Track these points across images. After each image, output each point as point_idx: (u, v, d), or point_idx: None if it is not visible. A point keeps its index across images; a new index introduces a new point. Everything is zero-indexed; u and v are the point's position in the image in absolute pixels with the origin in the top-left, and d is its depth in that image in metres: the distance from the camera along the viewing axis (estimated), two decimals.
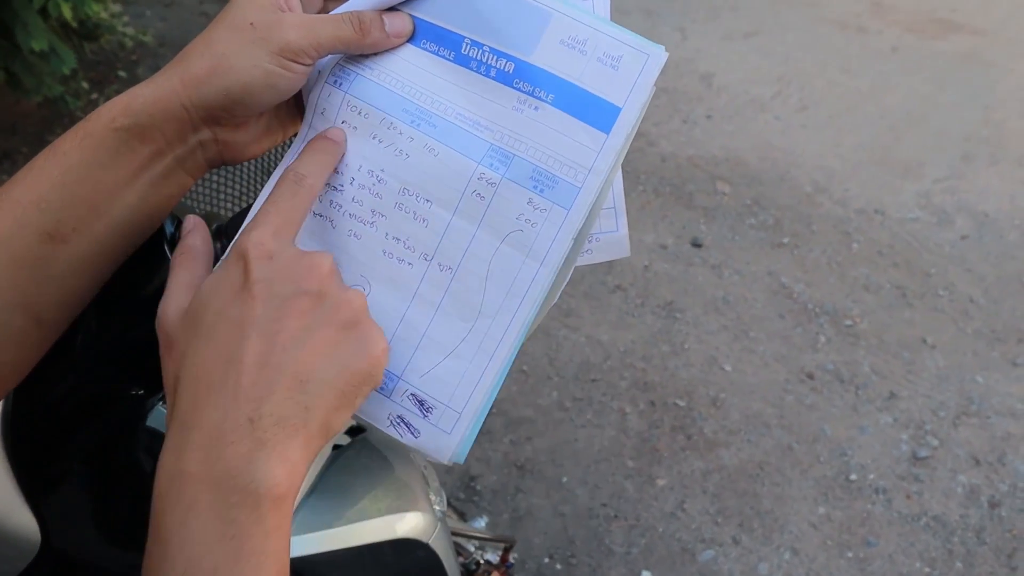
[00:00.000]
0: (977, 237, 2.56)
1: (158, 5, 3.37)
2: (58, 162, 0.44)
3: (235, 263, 0.39)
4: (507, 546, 1.28)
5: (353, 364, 0.39)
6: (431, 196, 0.44)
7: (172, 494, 0.36)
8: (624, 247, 0.50)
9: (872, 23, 3.69)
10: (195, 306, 0.39)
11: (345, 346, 0.39)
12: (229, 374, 0.37)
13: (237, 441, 0.36)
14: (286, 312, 0.38)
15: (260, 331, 0.37)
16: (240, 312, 0.38)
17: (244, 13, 0.44)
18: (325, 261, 0.40)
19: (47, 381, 0.49)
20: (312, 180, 0.43)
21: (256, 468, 0.36)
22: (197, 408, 0.37)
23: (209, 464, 0.36)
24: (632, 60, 0.45)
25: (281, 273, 0.39)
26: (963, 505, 1.81)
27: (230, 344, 0.37)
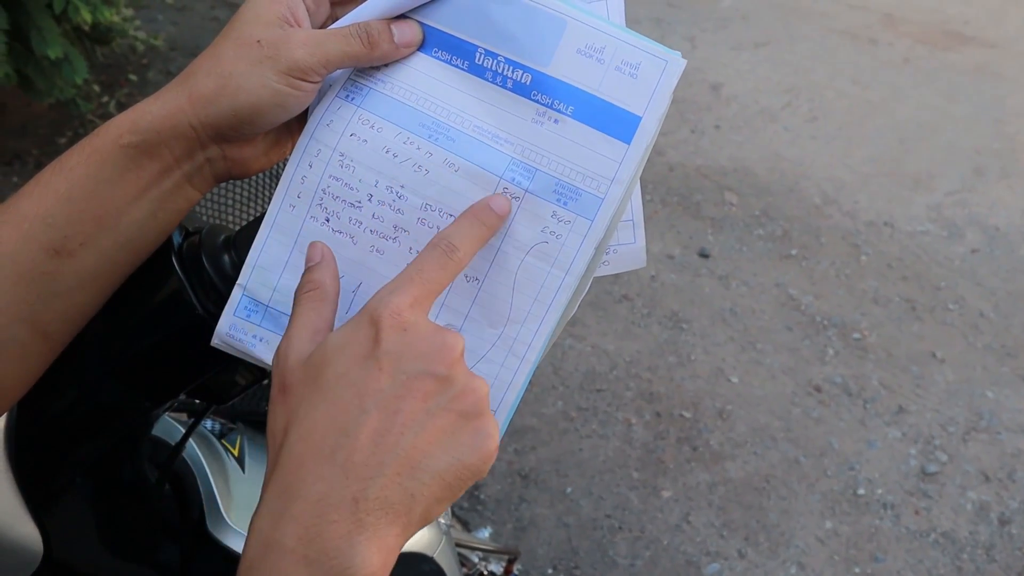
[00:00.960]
0: (988, 251, 2.54)
1: (170, 9, 3.39)
2: (65, 177, 0.43)
3: (367, 326, 0.37)
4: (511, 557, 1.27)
5: (466, 457, 0.37)
6: (454, 211, 0.44)
7: (265, 566, 0.34)
8: (641, 258, 0.50)
9: (883, 35, 3.68)
10: (318, 360, 0.38)
11: (461, 437, 0.37)
12: (342, 446, 0.35)
13: (339, 520, 0.34)
14: (410, 391, 0.36)
15: (381, 407, 0.36)
16: (364, 381, 0.36)
17: (251, 29, 0.43)
18: (457, 344, 0.38)
19: (51, 393, 0.49)
20: (463, 254, 0.41)
21: (355, 552, 0.34)
22: (302, 475, 0.35)
23: (307, 540, 0.34)
24: (650, 68, 0.44)
25: (412, 348, 0.37)
26: (972, 522, 1.80)
27: (348, 413, 0.36)
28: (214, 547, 0.63)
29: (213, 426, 0.77)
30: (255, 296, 0.46)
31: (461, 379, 0.38)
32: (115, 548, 0.58)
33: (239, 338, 0.46)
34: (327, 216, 0.45)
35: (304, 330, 0.40)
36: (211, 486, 0.65)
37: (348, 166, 0.44)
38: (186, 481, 0.65)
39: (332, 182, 0.44)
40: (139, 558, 0.61)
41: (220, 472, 0.67)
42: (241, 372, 0.51)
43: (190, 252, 0.48)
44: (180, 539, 0.63)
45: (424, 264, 0.40)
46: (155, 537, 0.62)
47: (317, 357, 0.38)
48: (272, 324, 0.45)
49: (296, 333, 0.40)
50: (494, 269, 0.44)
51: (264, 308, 0.46)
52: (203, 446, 0.68)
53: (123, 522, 0.59)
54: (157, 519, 0.63)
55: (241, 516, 0.64)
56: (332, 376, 0.37)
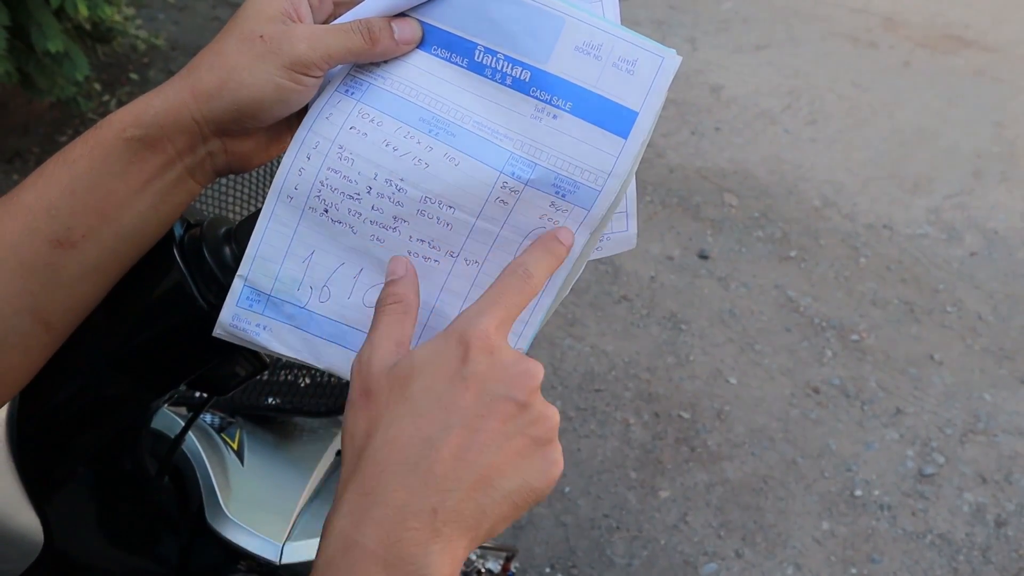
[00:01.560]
0: (986, 254, 2.55)
1: (171, 9, 3.39)
2: (68, 169, 0.44)
3: (456, 346, 0.39)
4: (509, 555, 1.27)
5: (534, 481, 0.39)
6: (454, 204, 0.45)
7: (345, 563, 0.36)
8: (631, 241, 0.51)
9: (884, 38, 3.69)
10: (405, 370, 0.39)
11: (532, 461, 0.39)
12: (425, 457, 0.37)
13: (418, 528, 0.36)
14: (493, 412, 0.38)
15: (465, 424, 0.38)
16: (451, 398, 0.38)
17: (253, 25, 0.44)
18: (538, 372, 0.40)
19: (53, 383, 0.49)
20: (538, 280, 0.43)
21: (430, 560, 0.36)
22: (385, 481, 0.37)
23: (388, 545, 0.36)
24: (647, 64, 0.45)
25: (497, 372, 0.39)
26: (969, 523, 1.80)
27: (433, 426, 0.37)
28: (213, 539, 0.63)
29: (213, 420, 0.77)
30: (256, 286, 0.46)
31: (538, 406, 0.40)
32: (115, 539, 0.59)
33: (242, 327, 0.46)
34: (326, 207, 0.45)
35: (388, 340, 0.41)
36: (210, 479, 0.65)
37: (347, 159, 0.45)
38: (186, 474, 0.65)
39: (330, 174, 0.45)
40: (138, 549, 0.61)
41: (219, 465, 0.68)
42: (241, 363, 0.52)
43: (191, 244, 0.48)
44: (179, 531, 0.64)
45: (506, 289, 0.42)
46: (154, 529, 0.62)
47: (404, 368, 0.39)
48: (276, 312, 0.46)
49: (380, 342, 0.41)
50: (493, 252, 0.45)
51: (267, 297, 0.46)
52: (203, 439, 0.68)
53: (123, 513, 0.60)
54: (157, 511, 0.63)
55: (240, 508, 0.65)
56: (419, 389, 0.38)
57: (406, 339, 0.42)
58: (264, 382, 0.84)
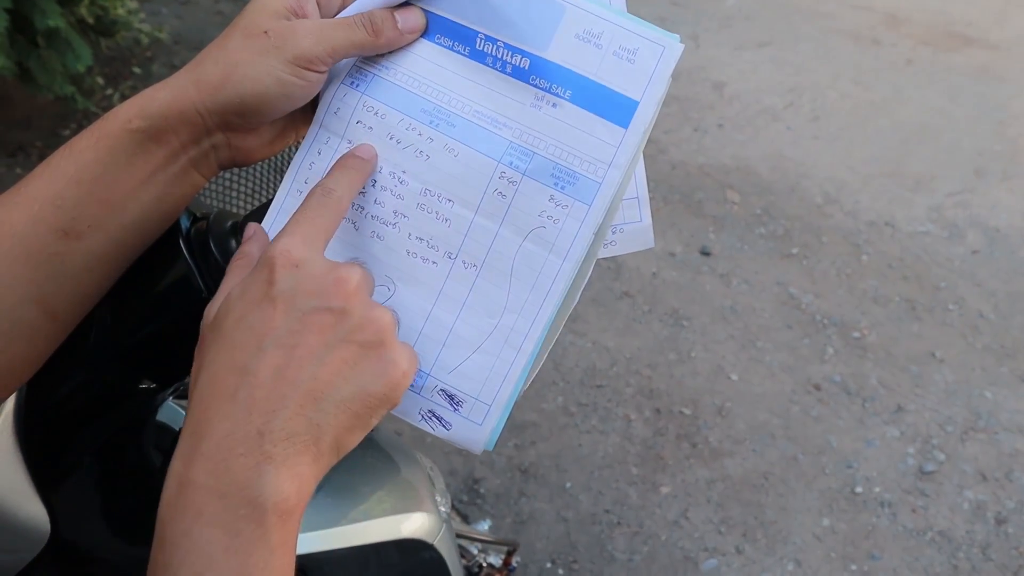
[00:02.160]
0: (988, 252, 2.55)
1: (174, 3, 3.39)
2: (74, 160, 0.44)
3: (261, 270, 0.38)
4: (510, 549, 1.28)
5: (370, 386, 0.38)
6: (453, 196, 0.44)
7: (179, 503, 0.36)
8: (648, 238, 0.50)
9: (886, 35, 3.69)
10: (221, 311, 0.39)
11: (364, 367, 0.38)
12: (243, 385, 0.36)
13: (246, 453, 0.35)
14: (306, 326, 0.37)
15: (278, 343, 0.37)
16: (260, 321, 0.37)
17: (258, 20, 0.44)
18: (353, 275, 0.39)
19: (60, 374, 0.49)
20: (340, 194, 0.42)
21: (264, 482, 0.35)
22: (208, 416, 0.36)
23: (217, 475, 0.35)
24: (648, 52, 0.44)
25: (306, 284, 0.38)
26: (969, 521, 1.80)
27: (246, 353, 0.37)
28: None
29: None
30: None
31: (359, 311, 0.38)
32: (120, 530, 0.59)
33: None
34: None
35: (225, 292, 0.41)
36: None
37: None
38: None
39: None
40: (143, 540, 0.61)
41: None
42: None
43: (198, 237, 0.49)
44: None
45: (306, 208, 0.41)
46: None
47: (221, 309, 0.39)
48: None
49: (219, 295, 0.41)
50: (492, 255, 0.44)
51: None
52: None
53: (127, 505, 0.60)
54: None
55: None
56: (232, 321, 0.38)
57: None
58: None
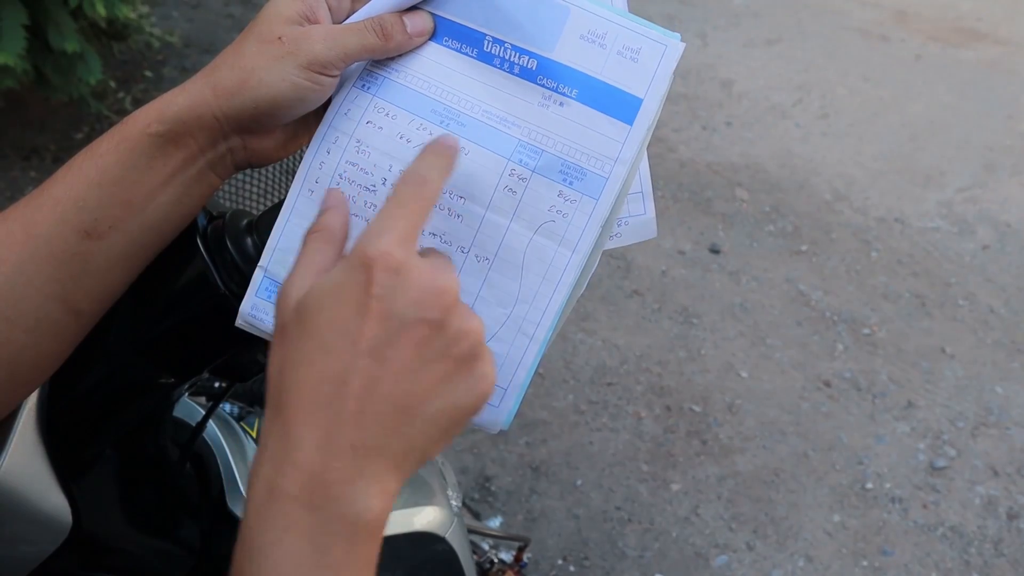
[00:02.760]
0: (999, 247, 2.54)
1: (185, 6, 3.42)
2: (95, 163, 0.45)
3: (358, 270, 0.36)
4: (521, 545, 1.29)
5: (462, 401, 0.37)
6: (464, 193, 0.46)
7: (269, 512, 0.35)
8: (652, 229, 0.51)
9: (895, 31, 3.68)
10: (309, 304, 0.37)
11: (457, 382, 0.37)
12: (336, 396, 0.35)
13: (340, 468, 0.35)
14: (403, 338, 0.36)
15: (373, 354, 0.35)
16: (356, 328, 0.36)
17: (272, 27, 0.45)
18: (452, 284, 0.37)
19: (82, 369, 0.51)
20: (434, 184, 0.40)
21: (357, 499, 0.35)
22: (299, 422, 0.36)
23: (310, 489, 0.35)
24: (650, 51, 0.46)
25: (405, 293, 0.36)
26: (981, 516, 1.80)
27: (340, 362, 0.36)
28: (233, 524, 0.65)
29: (232, 409, 0.79)
30: (275, 277, 0.47)
31: (455, 323, 0.37)
32: (139, 522, 0.60)
33: (260, 318, 0.48)
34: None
35: (307, 270, 0.39)
36: (231, 465, 0.67)
37: (364, 152, 0.46)
38: (206, 460, 0.67)
39: (349, 167, 0.46)
40: (162, 533, 0.63)
41: (239, 452, 0.69)
42: (262, 351, 0.53)
43: (215, 235, 0.50)
44: (200, 516, 0.65)
45: (403, 199, 0.38)
46: (176, 513, 0.64)
47: (309, 300, 0.37)
48: None
49: (299, 272, 0.39)
50: (503, 249, 0.46)
51: None
52: (223, 428, 0.70)
53: (146, 498, 0.61)
54: (179, 496, 0.65)
55: None
56: (324, 322, 0.36)
57: (328, 264, 0.40)
58: None
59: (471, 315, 0.38)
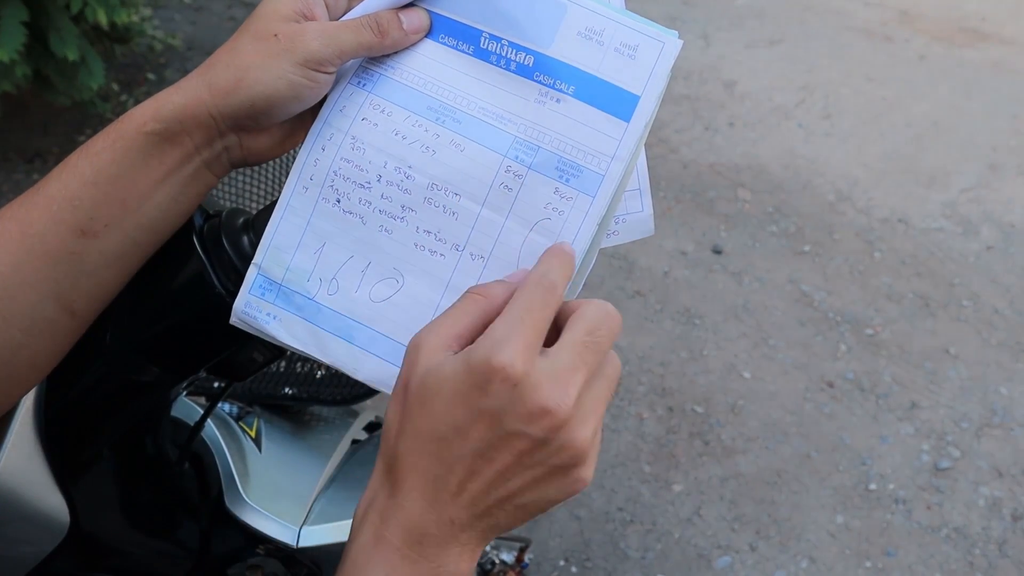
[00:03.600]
0: (1003, 248, 2.53)
1: (187, 9, 3.43)
2: (91, 162, 0.45)
3: (478, 375, 0.38)
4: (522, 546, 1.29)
5: (553, 496, 0.40)
6: (460, 190, 0.45)
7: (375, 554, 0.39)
8: (649, 226, 0.50)
9: (899, 32, 3.67)
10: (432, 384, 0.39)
11: (551, 484, 0.40)
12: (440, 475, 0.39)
13: (437, 534, 0.39)
14: (508, 446, 0.38)
15: (476, 453, 0.38)
16: (465, 427, 0.38)
17: (268, 24, 0.45)
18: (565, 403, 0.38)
19: (78, 369, 0.51)
20: (560, 290, 0.41)
21: (448, 560, 0.39)
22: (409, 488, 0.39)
23: (410, 544, 0.39)
24: (648, 49, 0.46)
25: (515, 408, 0.37)
26: (985, 517, 1.80)
27: (449, 450, 0.39)
28: (232, 523, 0.65)
29: (231, 409, 0.79)
30: (269, 275, 0.47)
31: (560, 439, 0.38)
32: (138, 522, 0.60)
33: (254, 316, 0.47)
34: (338, 197, 0.46)
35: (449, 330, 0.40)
36: (229, 465, 0.67)
37: (359, 148, 0.46)
38: (205, 460, 0.67)
39: (344, 164, 0.46)
40: (161, 532, 0.63)
41: (238, 452, 0.69)
42: (259, 350, 0.53)
43: (211, 234, 0.50)
44: (199, 515, 0.65)
45: (532, 305, 0.40)
46: (176, 513, 0.64)
47: (432, 380, 0.39)
48: (285, 303, 0.47)
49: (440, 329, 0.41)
50: (499, 246, 0.45)
51: (278, 287, 0.47)
52: (222, 428, 0.70)
53: (145, 498, 0.61)
54: (178, 496, 0.65)
55: (258, 494, 0.66)
56: (440, 410, 0.38)
57: (467, 335, 0.41)
58: (281, 373, 0.86)
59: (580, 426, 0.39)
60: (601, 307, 0.41)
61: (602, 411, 0.40)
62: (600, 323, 0.40)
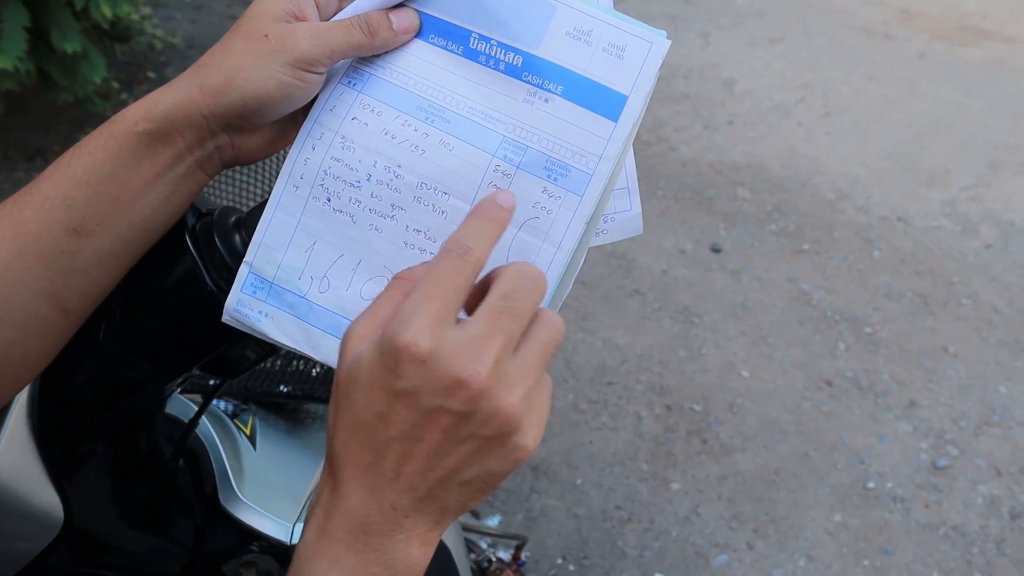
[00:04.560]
0: (1002, 246, 2.53)
1: (187, 7, 3.43)
2: (83, 161, 0.46)
3: (388, 356, 0.37)
4: (519, 544, 1.29)
5: (495, 468, 0.39)
6: (449, 189, 0.46)
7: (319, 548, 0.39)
8: (638, 225, 0.51)
9: (899, 30, 3.67)
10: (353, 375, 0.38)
11: (488, 454, 0.38)
12: (374, 464, 0.38)
13: (380, 522, 0.38)
14: (431, 423, 0.37)
15: (403, 435, 0.38)
16: (385, 411, 0.37)
17: (259, 24, 0.46)
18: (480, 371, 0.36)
19: (71, 366, 0.51)
20: (479, 253, 0.39)
21: (397, 547, 0.39)
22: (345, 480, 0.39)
23: (354, 535, 0.38)
24: (636, 49, 0.46)
25: (430, 384, 0.36)
26: (983, 516, 1.80)
27: (375, 437, 0.38)
28: (226, 520, 0.65)
29: (226, 407, 0.79)
30: (261, 273, 0.48)
31: (483, 408, 0.37)
32: (132, 519, 0.61)
33: (246, 313, 0.48)
34: (328, 196, 0.47)
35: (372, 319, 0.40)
36: (224, 462, 0.67)
37: (349, 148, 0.47)
38: (200, 457, 0.67)
39: (334, 163, 0.47)
40: (155, 529, 0.63)
41: (233, 449, 0.69)
42: (252, 347, 0.54)
43: (203, 232, 0.50)
44: (194, 512, 0.66)
45: (440, 274, 0.38)
46: (170, 509, 0.64)
47: (353, 371, 0.38)
48: (276, 300, 0.48)
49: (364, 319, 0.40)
50: None
51: (269, 285, 0.48)
52: (216, 425, 0.70)
53: (140, 494, 0.62)
54: (172, 492, 0.65)
55: (253, 491, 0.67)
56: (361, 399, 0.38)
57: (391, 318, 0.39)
58: (277, 370, 0.86)
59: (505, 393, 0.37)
60: (520, 269, 0.39)
61: (533, 376, 0.38)
62: (516, 286, 0.38)
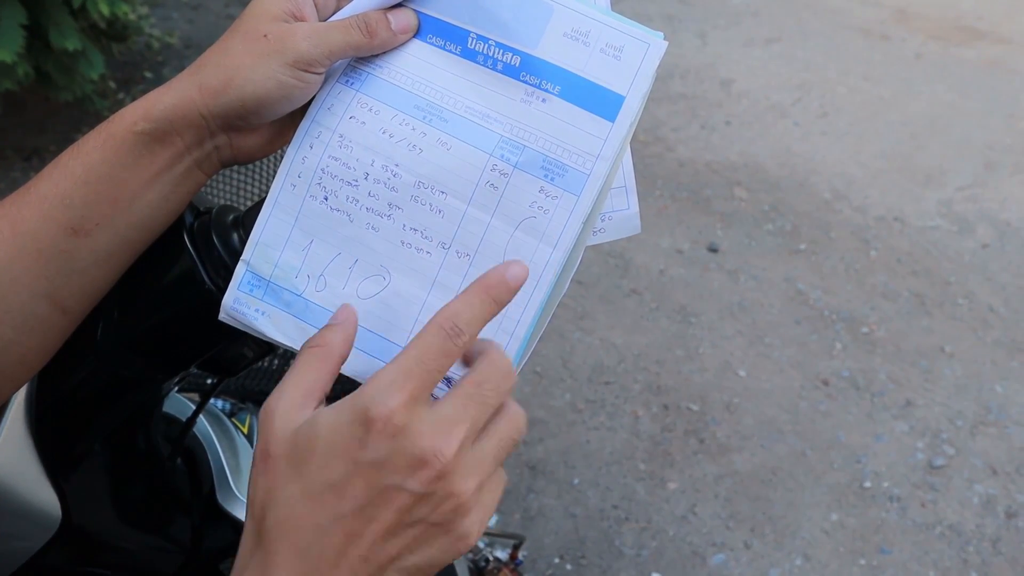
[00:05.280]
0: (998, 246, 2.54)
1: (185, 7, 3.43)
2: (82, 161, 0.46)
3: (357, 425, 0.36)
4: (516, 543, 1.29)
5: (436, 558, 0.38)
6: (446, 188, 0.46)
7: None
8: (635, 224, 0.51)
9: (896, 30, 3.67)
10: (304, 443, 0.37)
11: (434, 543, 0.38)
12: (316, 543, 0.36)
13: None
14: (386, 502, 0.36)
15: (357, 513, 0.36)
16: (343, 484, 0.36)
17: (257, 24, 0.46)
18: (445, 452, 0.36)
19: (69, 365, 0.51)
20: (467, 337, 0.38)
21: None
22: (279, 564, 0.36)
23: None
24: (633, 50, 0.46)
25: (395, 460, 0.36)
26: (979, 515, 1.80)
27: (325, 513, 0.36)
28: (224, 519, 0.65)
29: (224, 405, 0.80)
30: (257, 271, 0.48)
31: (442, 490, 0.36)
32: (129, 517, 0.61)
33: (243, 312, 0.48)
34: (325, 195, 0.47)
35: (296, 389, 0.39)
36: (221, 461, 0.67)
37: (347, 146, 0.47)
38: (197, 456, 0.68)
39: (331, 162, 0.47)
40: (153, 528, 0.63)
41: (230, 448, 0.70)
42: (249, 345, 0.54)
43: (201, 230, 0.50)
44: (192, 511, 0.66)
45: (425, 352, 0.37)
46: (168, 508, 0.65)
47: (303, 439, 0.37)
48: (273, 298, 0.48)
49: (288, 391, 0.39)
50: (484, 244, 0.46)
51: (266, 283, 0.48)
52: (214, 424, 0.71)
53: (137, 493, 0.62)
54: (170, 491, 0.65)
55: None
56: (315, 468, 0.36)
57: (318, 390, 0.39)
58: (275, 370, 0.86)
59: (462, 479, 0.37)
60: (494, 362, 0.39)
61: (489, 469, 0.38)
62: (488, 377, 0.38)
